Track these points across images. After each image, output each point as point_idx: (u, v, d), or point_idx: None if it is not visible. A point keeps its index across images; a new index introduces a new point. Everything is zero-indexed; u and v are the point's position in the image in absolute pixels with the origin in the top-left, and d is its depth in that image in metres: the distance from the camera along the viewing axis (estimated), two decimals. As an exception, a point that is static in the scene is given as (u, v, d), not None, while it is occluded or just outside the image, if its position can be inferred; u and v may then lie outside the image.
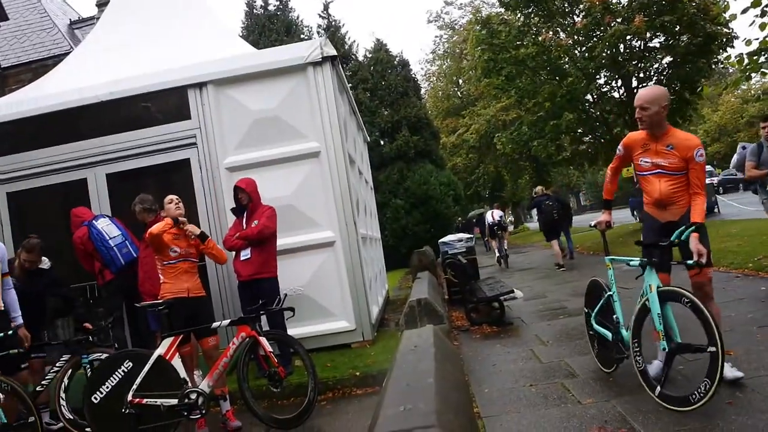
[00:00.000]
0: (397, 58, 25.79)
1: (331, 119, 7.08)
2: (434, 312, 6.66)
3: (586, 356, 5.73)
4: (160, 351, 4.95)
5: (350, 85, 18.92)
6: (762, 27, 9.01)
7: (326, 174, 7.08)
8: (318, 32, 26.39)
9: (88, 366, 5.56)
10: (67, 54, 12.24)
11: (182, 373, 4.95)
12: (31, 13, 18.37)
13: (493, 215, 18.95)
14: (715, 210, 22.16)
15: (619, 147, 4.71)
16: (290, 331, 6.29)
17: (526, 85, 19.98)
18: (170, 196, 5.46)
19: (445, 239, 11.60)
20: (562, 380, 5.05)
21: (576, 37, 19.40)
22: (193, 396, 4.85)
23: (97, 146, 7.31)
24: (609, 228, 4.97)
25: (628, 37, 18.21)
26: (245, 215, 6.35)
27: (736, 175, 34.56)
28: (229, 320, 5.31)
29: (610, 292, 4.81)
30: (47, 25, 17.73)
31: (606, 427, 3.89)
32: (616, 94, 20.33)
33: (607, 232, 5.12)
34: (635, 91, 19.40)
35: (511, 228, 22.46)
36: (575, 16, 19.72)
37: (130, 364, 4.87)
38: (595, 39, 18.55)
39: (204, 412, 4.90)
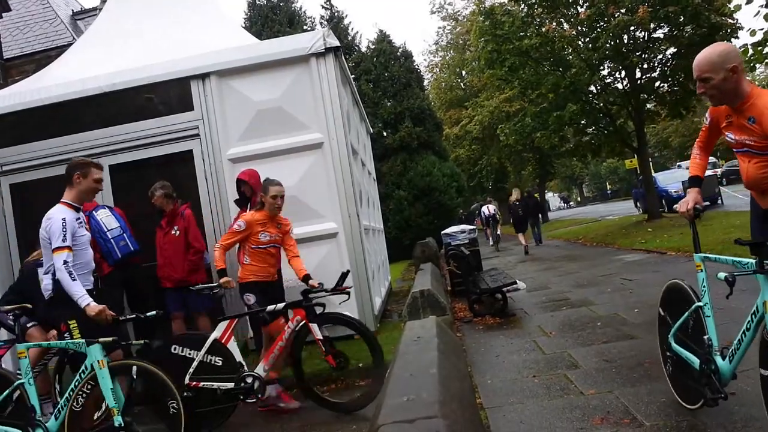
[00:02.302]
0: (400, 50, 25.76)
1: (334, 110, 7.07)
2: (437, 303, 6.67)
3: (588, 347, 5.74)
4: (216, 334, 4.92)
5: (353, 76, 18.88)
6: (767, 17, 8.97)
7: (329, 165, 7.08)
8: (321, 23, 26.35)
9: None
10: (69, 45, 12.24)
11: (238, 357, 4.90)
12: (34, 4, 18.36)
13: (488, 208, 23.61)
14: (719, 201, 22.13)
15: (706, 115, 3.67)
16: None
17: (530, 76, 19.92)
18: (279, 189, 5.44)
19: (448, 231, 11.61)
20: (564, 371, 5.05)
21: (579, 27, 19.32)
22: (249, 380, 4.80)
23: (100, 137, 7.30)
24: (699, 214, 3.57)
25: (632, 28, 18.13)
26: (248, 207, 6.36)
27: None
28: (284, 303, 5.18)
29: (701, 303, 3.42)
30: (50, 16, 17.72)
31: (608, 418, 3.89)
32: (619, 86, 20.26)
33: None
34: (639, 82, 19.36)
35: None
36: (579, 7, 19.62)
37: (187, 347, 4.88)
38: (598, 30, 18.48)
39: (260, 396, 4.85)
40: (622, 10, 17.68)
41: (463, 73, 44.55)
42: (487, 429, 4.07)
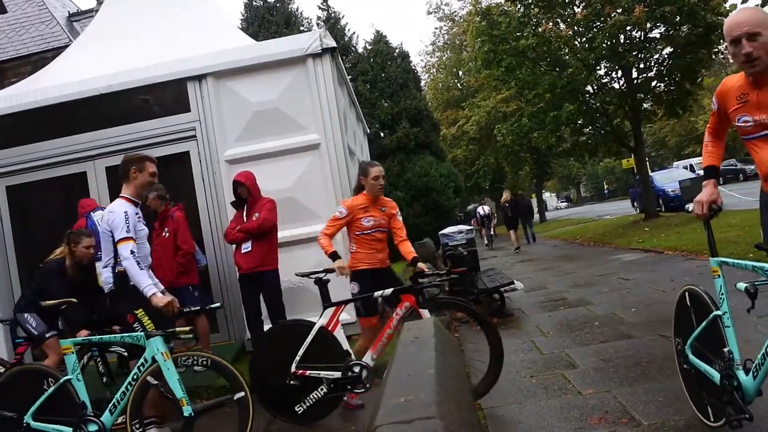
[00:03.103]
0: (396, 50, 25.71)
1: (330, 111, 7.07)
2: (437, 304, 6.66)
3: (586, 347, 5.75)
4: (322, 322, 4.78)
5: (350, 77, 18.88)
6: None
7: (326, 166, 7.08)
8: (317, 24, 26.31)
9: (99, 358, 5.58)
10: (66, 47, 12.22)
11: (345, 345, 4.76)
12: (30, 6, 18.31)
13: (484, 209, 25.22)
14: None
15: (713, 99, 3.25)
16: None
17: (526, 77, 19.94)
18: (380, 169, 5.23)
19: (446, 231, 11.61)
20: (562, 371, 5.05)
21: (576, 27, 19.34)
22: (357, 369, 4.63)
23: (97, 139, 7.30)
24: (716, 213, 3.22)
25: (628, 28, 18.14)
26: (246, 208, 6.37)
27: (736, 165, 34.60)
28: (391, 289, 4.91)
29: (719, 312, 3.10)
30: (46, 17, 17.68)
31: (606, 417, 3.90)
32: (616, 85, 20.29)
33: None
34: (635, 82, 19.39)
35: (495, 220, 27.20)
36: (575, 7, 19.63)
37: (292, 335, 4.77)
38: (595, 30, 18.49)
39: (369, 386, 4.63)
40: (619, 10, 17.70)
41: (460, 73, 44.54)
42: (485, 429, 4.07)
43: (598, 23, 18.34)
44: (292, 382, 4.63)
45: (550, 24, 19.36)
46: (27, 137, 7.42)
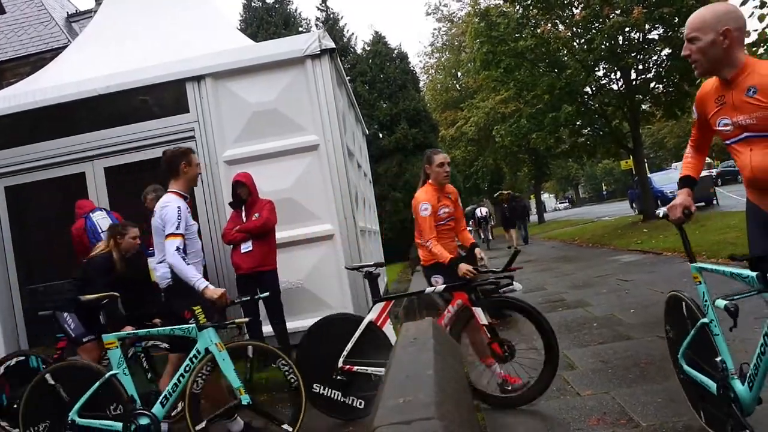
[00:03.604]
0: (395, 51, 25.74)
1: (329, 112, 7.06)
2: (433, 305, 6.66)
3: (584, 348, 5.75)
4: (371, 316, 4.71)
5: (349, 77, 18.88)
6: (761, 18, 9.01)
7: (325, 167, 7.07)
8: (316, 25, 26.34)
9: (142, 353, 5.52)
10: (64, 47, 12.21)
11: (394, 341, 4.54)
12: (29, 7, 18.32)
13: (481, 210, 25.71)
14: (714, 202, 22.19)
15: (693, 109, 3.15)
16: (289, 324, 6.33)
17: (525, 78, 19.97)
18: (445, 156, 5.07)
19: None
20: (561, 372, 5.05)
21: (575, 29, 19.38)
22: None
23: (95, 140, 7.28)
24: (688, 218, 3.13)
25: (627, 29, 18.19)
26: (244, 209, 6.37)
27: (734, 167, 34.66)
28: (443, 285, 4.78)
29: (705, 320, 3.01)
30: (45, 18, 17.68)
31: (605, 419, 3.90)
32: (614, 87, 20.34)
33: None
34: (634, 83, 19.41)
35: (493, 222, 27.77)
36: (574, 8, 19.67)
37: (341, 328, 4.71)
38: (593, 31, 18.54)
39: None
40: (617, 12, 17.75)
41: (459, 74, 44.60)
42: (484, 430, 4.08)
43: (597, 24, 18.38)
44: (338, 377, 4.60)
45: (549, 25, 19.40)
46: (25, 138, 7.40)
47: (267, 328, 6.35)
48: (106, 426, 4.16)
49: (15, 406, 5.19)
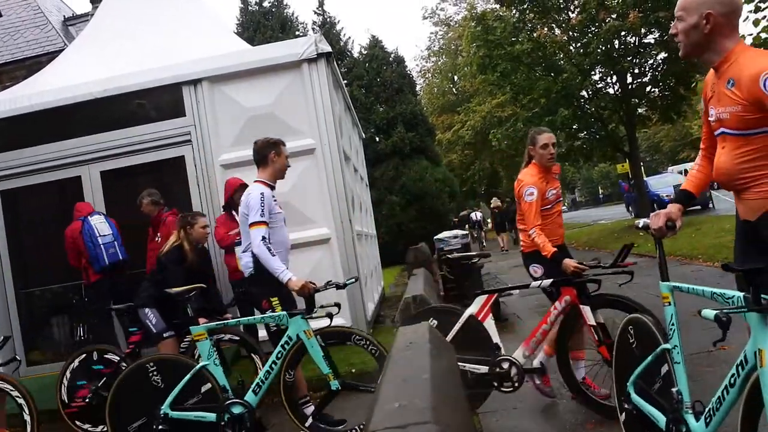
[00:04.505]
0: (392, 55, 25.79)
1: (326, 116, 7.07)
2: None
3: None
4: (472, 309, 4.41)
5: (345, 81, 18.90)
6: (756, 23, 9.05)
7: (321, 171, 7.08)
8: (313, 29, 26.37)
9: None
10: (61, 51, 12.20)
11: (495, 338, 4.35)
12: (25, 10, 18.29)
13: (476, 215, 27.54)
14: (710, 205, 22.23)
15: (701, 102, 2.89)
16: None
17: (521, 81, 19.98)
18: (550, 135, 4.67)
19: (441, 236, 11.60)
20: (556, 375, 5.05)
21: (571, 33, 19.42)
22: (506, 365, 4.25)
23: (92, 143, 7.28)
24: (671, 230, 2.89)
25: (623, 33, 18.24)
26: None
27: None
28: (551, 279, 4.40)
29: (668, 346, 2.74)
30: (41, 21, 17.65)
31: (602, 422, 3.90)
32: (611, 90, 20.37)
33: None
34: (630, 87, 19.46)
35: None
36: (570, 12, 19.74)
37: (435, 321, 4.45)
38: (589, 35, 18.58)
39: (517, 385, 4.26)
40: (613, 16, 17.80)
41: (455, 78, 44.65)
42: (480, 434, 4.07)
43: (593, 28, 18.43)
44: None
45: (545, 29, 19.44)
46: (21, 141, 7.39)
47: (262, 333, 6.33)
48: (199, 417, 4.17)
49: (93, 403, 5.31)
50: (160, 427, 4.12)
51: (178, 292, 4.47)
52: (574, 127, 20.41)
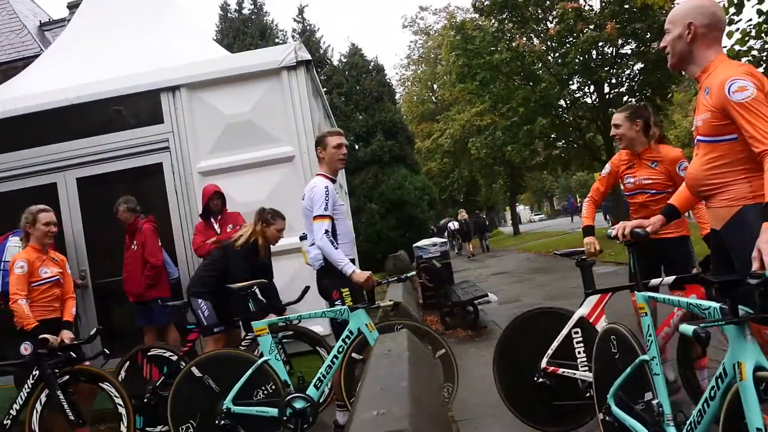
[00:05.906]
0: (372, 63, 25.81)
1: (305, 124, 7.06)
2: (409, 316, 6.66)
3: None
4: (582, 311, 4.06)
5: (325, 89, 18.89)
6: (729, 35, 9.18)
7: (300, 178, 7.05)
8: (293, 36, 26.35)
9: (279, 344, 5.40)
10: (36, 56, 12.08)
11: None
12: (0, 15, 18.07)
13: (453, 224, 28.88)
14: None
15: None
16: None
17: (500, 91, 20.16)
18: (622, 116, 4.44)
19: (420, 244, 11.63)
20: (535, 383, 5.06)
21: (549, 43, 19.64)
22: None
23: (68, 150, 7.19)
24: (641, 238, 2.83)
25: (600, 44, 18.49)
26: (218, 220, 6.32)
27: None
28: (673, 277, 3.41)
29: (646, 357, 2.73)
30: (16, 26, 17.44)
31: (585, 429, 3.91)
32: (588, 100, 20.61)
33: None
34: (607, 96, 19.69)
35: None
36: (548, 23, 19.95)
37: (545, 322, 4.17)
38: (567, 45, 18.80)
39: None
40: (591, 26, 18.00)
41: (435, 86, 44.87)
42: (459, 442, 4.06)
43: (571, 39, 18.64)
44: (540, 380, 3.99)
45: (524, 39, 19.65)
46: (-4, 147, 7.29)
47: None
48: (261, 412, 4.19)
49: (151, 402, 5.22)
50: (222, 422, 4.17)
51: (241, 287, 4.51)
52: (552, 136, 20.63)
